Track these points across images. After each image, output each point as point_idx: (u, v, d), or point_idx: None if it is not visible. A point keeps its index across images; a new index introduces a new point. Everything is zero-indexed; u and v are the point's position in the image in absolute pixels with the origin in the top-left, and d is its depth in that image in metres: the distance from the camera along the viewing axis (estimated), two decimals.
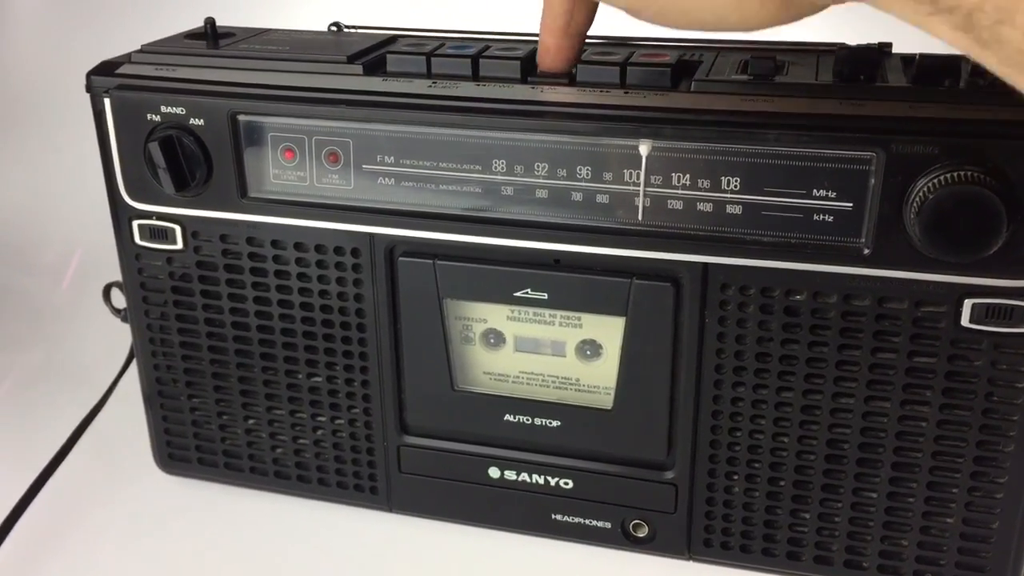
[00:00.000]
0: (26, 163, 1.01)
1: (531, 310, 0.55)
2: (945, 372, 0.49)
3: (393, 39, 0.59)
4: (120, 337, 0.66)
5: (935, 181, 0.44)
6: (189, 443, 0.63)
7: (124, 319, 0.63)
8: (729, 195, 0.49)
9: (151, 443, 0.64)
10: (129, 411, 0.67)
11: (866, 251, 0.47)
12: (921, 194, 0.44)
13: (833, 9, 0.40)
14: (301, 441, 0.61)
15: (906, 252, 0.47)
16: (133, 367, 0.64)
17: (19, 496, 0.60)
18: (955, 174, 0.44)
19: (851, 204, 0.47)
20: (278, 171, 0.54)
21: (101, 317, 0.67)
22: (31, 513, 0.60)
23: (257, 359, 0.59)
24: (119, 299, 0.63)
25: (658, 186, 0.49)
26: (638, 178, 0.49)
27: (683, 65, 0.53)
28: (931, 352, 0.49)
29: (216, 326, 0.59)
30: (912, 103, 0.46)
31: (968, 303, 0.47)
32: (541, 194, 0.51)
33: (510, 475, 0.58)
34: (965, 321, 0.48)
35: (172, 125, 0.54)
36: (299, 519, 0.62)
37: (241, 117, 0.54)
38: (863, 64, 0.49)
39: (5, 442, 0.71)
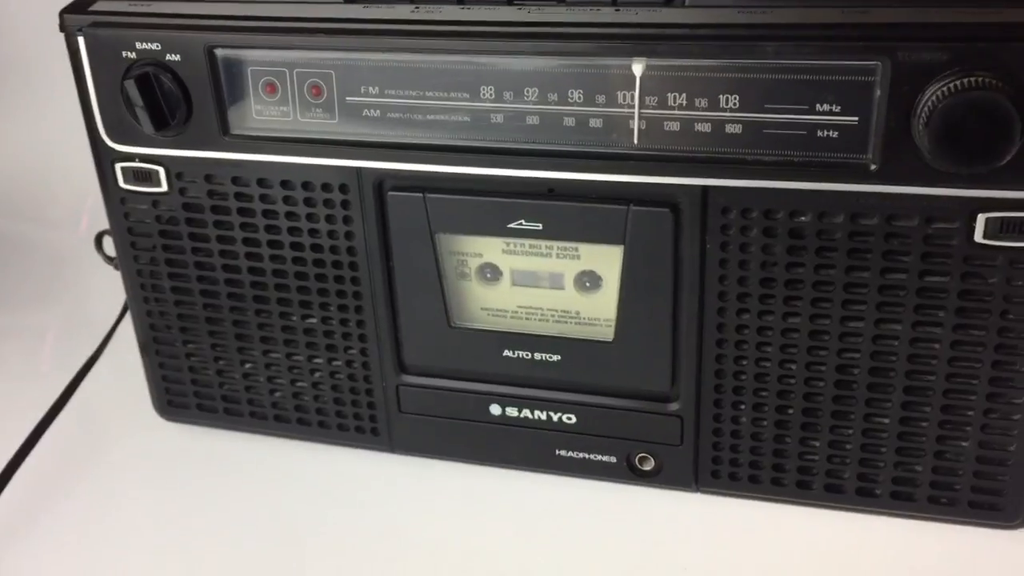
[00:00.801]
0: (29, 117, 1.00)
1: (527, 242, 0.53)
2: (958, 291, 0.47)
3: None
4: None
5: (944, 89, 0.42)
6: (187, 389, 0.62)
7: (117, 267, 0.62)
8: (728, 114, 0.46)
9: (149, 390, 0.64)
10: (128, 359, 0.66)
11: (873, 167, 0.45)
12: (930, 103, 0.42)
13: None
14: (299, 384, 0.60)
15: (915, 166, 0.45)
16: (129, 315, 0.63)
17: (19, 444, 0.59)
18: (965, 80, 0.41)
19: (856, 118, 0.45)
20: (260, 107, 0.53)
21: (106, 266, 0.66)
22: (31, 461, 0.59)
23: (250, 302, 0.58)
24: (112, 248, 0.62)
25: (653, 107, 0.47)
26: (632, 100, 0.47)
27: None
28: (943, 271, 0.47)
29: (207, 269, 0.58)
30: (918, 8, 0.44)
31: (982, 218, 0.45)
32: (532, 120, 0.49)
33: (511, 412, 0.57)
34: (979, 237, 0.46)
35: (148, 62, 0.52)
36: (300, 462, 0.61)
37: (219, 51, 0.52)
38: None
39: (18, 391, 0.70)
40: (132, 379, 0.66)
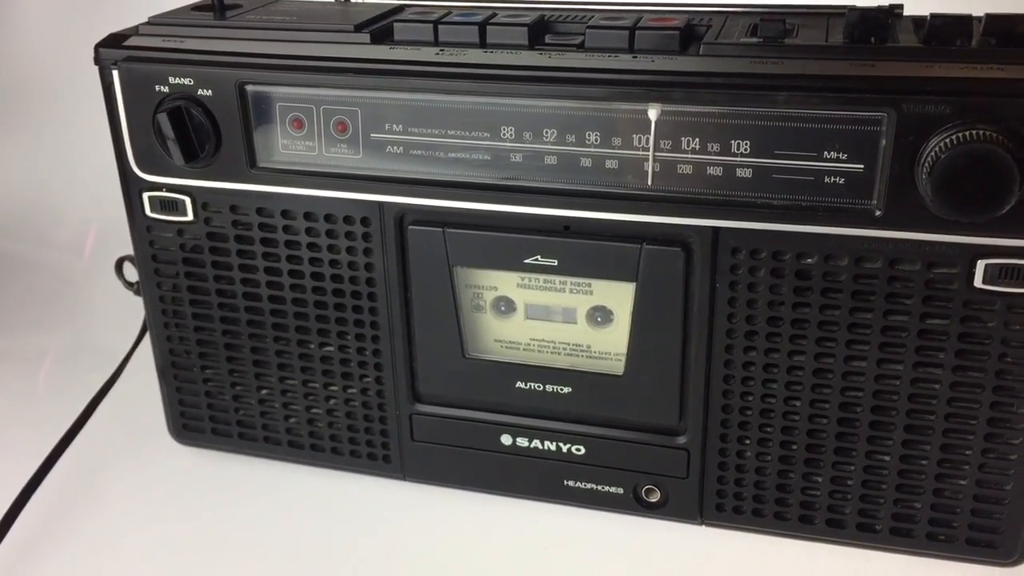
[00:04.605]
0: (43, 140, 1.02)
1: (541, 277, 0.55)
2: (958, 334, 0.49)
3: (400, 8, 0.59)
4: (139, 310, 0.66)
5: (947, 140, 0.44)
6: (203, 414, 0.64)
7: (137, 292, 0.63)
8: (739, 159, 0.48)
9: (165, 414, 0.65)
10: (144, 383, 0.67)
11: (878, 213, 0.47)
12: (933, 154, 0.44)
13: None
14: (314, 411, 0.61)
15: (918, 213, 0.47)
16: (147, 339, 0.65)
17: (36, 467, 0.61)
18: (967, 133, 0.43)
19: (862, 166, 0.47)
20: (287, 141, 0.54)
21: (120, 290, 0.67)
22: (47, 484, 0.60)
23: (269, 329, 0.60)
24: (132, 273, 0.63)
25: (667, 150, 0.49)
26: (647, 143, 0.49)
27: (692, 29, 0.52)
28: (944, 314, 0.49)
29: (228, 297, 0.60)
30: (923, 63, 0.46)
31: (981, 264, 0.47)
32: (550, 160, 0.51)
33: (522, 442, 0.58)
34: (978, 282, 0.48)
35: (180, 96, 0.54)
36: (313, 488, 0.62)
37: (249, 87, 0.53)
38: (873, 26, 0.48)
39: (23, 414, 0.71)
40: (147, 403, 0.67)
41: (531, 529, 0.59)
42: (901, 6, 0.52)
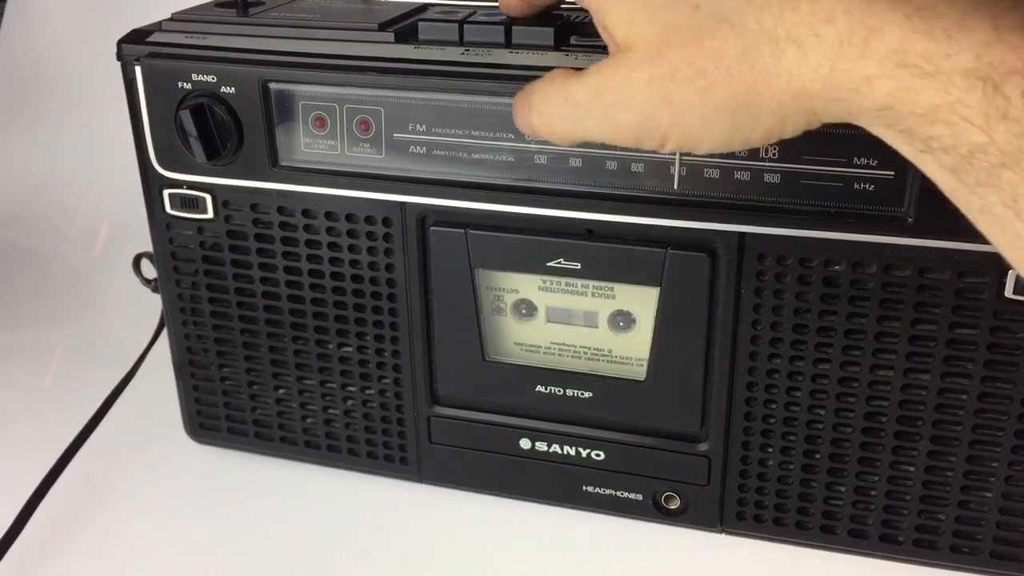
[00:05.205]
0: (56, 134, 1.02)
1: (563, 280, 0.54)
2: (987, 344, 0.48)
3: (424, 7, 0.58)
4: (150, 307, 0.66)
5: None
6: (219, 412, 0.63)
7: (154, 289, 0.63)
8: (767, 163, 0.48)
9: (182, 412, 0.65)
10: (160, 381, 0.67)
11: (909, 220, 0.47)
12: None
13: None
14: (331, 411, 0.61)
15: (949, 221, 0.45)
16: (163, 337, 0.64)
17: (51, 464, 0.60)
18: None
19: (892, 172, 0.46)
20: (309, 140, 0.54)
21: (131, 287, 0.67)
22: (63, 481, 0.60)
23: (288, 329, 0.59)
24: (149, 270, 0.63)
25: (694, 154, 0.49)
26: None
27: None
28: (972, 323, 0.48)
29: (247, 296, 0.59)
30: None
31: (1012, 273, 0.47)
32: (575, 163, 0.50)
33: (541, 446, 0.58)
34: (1008, 292, 0.47)
35: (203, 93, 0.54)
36: (329, 489, 0.62)
37: (272, 85, 0.53)
38: None
39: (38, 411, 0.71)
40: (163, 400, 0.67)
41: (548, 534, 0.58)
42: None
